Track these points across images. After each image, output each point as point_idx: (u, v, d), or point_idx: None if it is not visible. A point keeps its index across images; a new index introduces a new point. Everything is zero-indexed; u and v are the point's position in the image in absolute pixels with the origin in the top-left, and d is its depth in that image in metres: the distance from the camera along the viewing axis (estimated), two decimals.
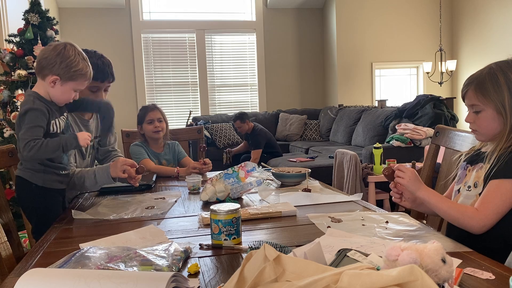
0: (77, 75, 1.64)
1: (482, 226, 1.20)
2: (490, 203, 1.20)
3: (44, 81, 1.63)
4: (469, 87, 1.30)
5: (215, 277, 0.97)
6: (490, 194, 1.21)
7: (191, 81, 7.33)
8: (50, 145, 1.59)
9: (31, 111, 1.58)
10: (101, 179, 1.84)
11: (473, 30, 7.21)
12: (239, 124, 5.29)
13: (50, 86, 1.63)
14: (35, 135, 1.56)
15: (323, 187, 1.96)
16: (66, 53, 1.62)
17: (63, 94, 1.66)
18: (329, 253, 1.00)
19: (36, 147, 1.55)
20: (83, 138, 1.67)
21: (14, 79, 3.25)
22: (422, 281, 0.61)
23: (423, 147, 4.39)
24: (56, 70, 1.61)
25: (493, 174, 1.22)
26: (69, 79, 1.63)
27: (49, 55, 1.61)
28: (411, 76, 7.85)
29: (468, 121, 1.33)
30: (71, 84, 1.65)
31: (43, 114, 1.59)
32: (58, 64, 1.60)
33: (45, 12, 3.46)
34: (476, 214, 1.21)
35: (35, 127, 1.57)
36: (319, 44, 7.77)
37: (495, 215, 1.19)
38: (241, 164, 1.84)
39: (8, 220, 1.68)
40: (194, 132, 2.93)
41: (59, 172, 1.73)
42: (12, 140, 3.12)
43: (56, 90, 1.64)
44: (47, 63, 1.61)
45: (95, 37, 6.72)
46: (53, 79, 1.61)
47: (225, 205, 1.21)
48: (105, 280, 0.79)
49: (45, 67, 1.62)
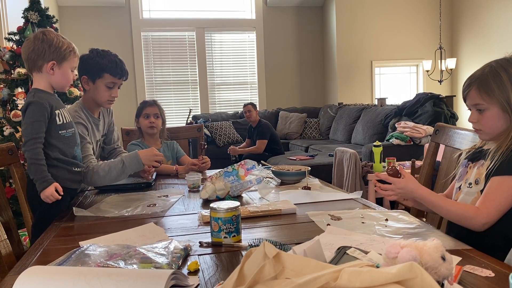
0: (68, 53, 1.70)
1: (483, 224, 1.20)
2: (492, 201, 1.19)
3: (42, 72, 1.68)
4: (471, 87, 1.28)
5: (215, 275, 0.97)
6: (492, 192, 1.21)
7: (191, 80, 7.32)
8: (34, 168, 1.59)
9: (31, 105, 1.62)
10: (130, 166, 1.87)
11: (473, 28, 7.20)
12: (250, 108, 5.38)
13: (50, 74, 1.67)
14: (36, 131, 1.59)
15: (322, 185, 1.96)
16: (49, 38, 1.67)
17: (64, 76, 1.71)
18: (329, 250, 1.00)
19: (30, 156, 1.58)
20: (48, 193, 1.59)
21: (14, 77, 3.25)
22: (422, 279, 0.61)
23: (422, 145, 4.40)
24: (49, 56, 1.66)
25: (494, 171, 1.21)
26: (63, 59, 1.69)
27: (35, 46, 1.66)
28: (411, 74, 7.84)
29: (471, 121, 1.31)
30: (66, 64, 1.70)
31: (43, 107, 1.62)
32: (47, 49, 1.65)
33: (45, 10, 3.45)
34: (477, 212, 1.20)
35: (35, 122, 1.60)
36: (319, 42, 7.77)
37: (496, 212, 1.19)
38: (241, 162, 1.85)
39: (8, 218, 1.68)
40: (194, 130, 2.93)
41: (71, 169, 1.72)
42: (12, 138, 3.12)
43: (56, 76, 1.69)
44: (37, 54, 1.65)
45: (95, 36, 6.71)
46: (50, 65, 1.66)
47: (225, 203, 1.21)
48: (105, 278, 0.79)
49: (37, 58, 1.66)
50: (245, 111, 5.43)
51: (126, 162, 1.86)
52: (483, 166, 1.27)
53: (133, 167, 1.88)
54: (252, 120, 5.45)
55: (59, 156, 1.67)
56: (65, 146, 1.69)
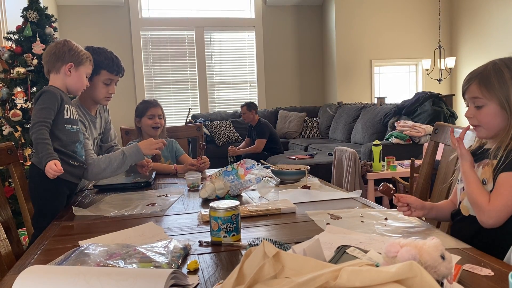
0: (84, 59, 1.83)
1: (489, 218, 1.17)
2: (499, 196, 1.17)
3: (60, 73, 1.80)
4: (472, 81, 1.27)
5: (215, 274, 0.97)
6: (500, 187, 1.18)
7: (190, 79, 7.32)
8: (39, 147, 1.64)
9: (44, 93, 1.72)
10: (131, 157, 1.90)
11: (472, 27, 7.20)
12: (245, 110, 5.38)
13: (67, 75, 1.79)
14: (44, 116, 1.67)
15: (322, 184, 1.96)
16: (70, 44, 1.83)
17: (79, 80, 1.82)
18: (328, 249, 1.00)
19: (36, 137, 1.64)
20: (48, 167, 1.61)
21: (13, 77, 3.24)
22: (421, 278, 0.61)
23: (422, 144, 4.40)
24: (68, 59, 1.79)
25: (503, 168, 1.19)
26: (80, 63, 1.82)
27: (57, 49, 1.81)
28: (410, 74, 7.85)
29: (467, 115, 1.30)
30: (82, 68, 1.83)
31: (55, 96, 1.72)
32: (67, 53, 1.80)
33: (44, 9, 3.44)
34: (486, 207, 1.18)
35: (45, 108, 1.68)
36: (318, 41, 7.76)
37: (505, 207, 1.16)
38: (240, 161, 1.85)
39: (8, 218, 1.68)
40: (194, 130, 2.93)
41: (70, 162, 1.76)
42: (11, 138, 3.12)
43: (72, 78, 1.81)
44: (57, 56, 1.79)
45: (94, 35, 6.70)
46: (68, 67, 1.79)
47: (225, 202, 1.21)
48: (104, 277, 0.79)
49: (57, 60, 1.79)
50: (241, 113, 5.46)
51: (127, 153, 1.90)
52: (488, 165, 1.26)
53: (134, 157, 1.92)
54: (248, 121, 5.45)
55: (59, 147, 1.72)
56: (67, 139, 1.75)
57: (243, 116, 5.47)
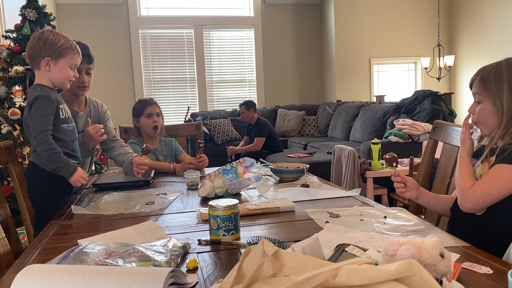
0: (63, 49, 1.74)
1: (466, 202, 1.21)
2: (483, 183, 1.20)
3: (40, 69, 1.75)
4: (476, 76, 1.30)
5: (214, 273, 0.97)
6: (486, 176, 1.21)
7: (189, 77, 7.31)
8: (55, 158, 1.68)
9: (39, 99, 1.68)
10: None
11: (471, 25, 7.20)
12: (243, 109, 5.40)
13: (46, 70, 1.73)
14: (45, 123, 1.66)
15: (321, 182, 1.96)
16: (46, 36, 1.74)
17: (61, 73, 1.75)
18: (328, 248, 1.00)
19: (46, 148, 1.66)
20: (78, 176, 1.71)
21: (12, 75, 3.24)
22: (421, 276, 0.61)
23: (421, 142, 4.40)
24: (44, 52, 1.72)
25: (498, 160, 1.21)
26: (59, 55, 1.73)
27: (32, 44, 1.74)
28: (409, 72, 7.84)
29: (470, 111, 1.33)
30: (63, 60, 1.75)
31: (50, 101, 1.70)
32: (42, 46, 1.72)
33: (42, 7, 3.43)
34: (467, 191, 1.21)
35: (45, 115, 1.67)
36: (317, 39, 7.76)
37: (484, 195, 1.18)
38: (239, 160, 1.84)
39: (6, 216, 1.68)
40: (193, 128, 2.93)
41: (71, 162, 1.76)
42: (10, 136, 3.11)
43: (53, 72, 1.74)
44: (34, 51, 1.73)
45: (93, 33, 6.69)
46: (45, 61, 1.72)
47: (224, 201, 1.21)
48: (103, 276, 0.79)
49: (34, 55, 1.73)
50: (240, 111, 5.47)
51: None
52: (488, 162, 1.27)
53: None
54: (247, 120, 5.46)
55: (61, 149, 1.72)
56: (66, 139, 1.76)
57: (242, 115, 5.48)
